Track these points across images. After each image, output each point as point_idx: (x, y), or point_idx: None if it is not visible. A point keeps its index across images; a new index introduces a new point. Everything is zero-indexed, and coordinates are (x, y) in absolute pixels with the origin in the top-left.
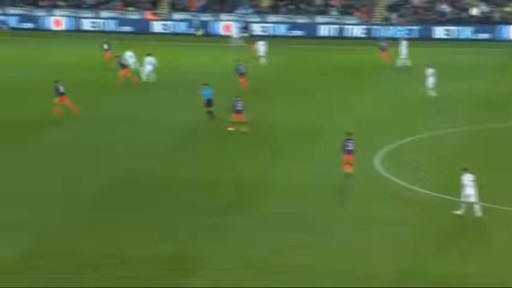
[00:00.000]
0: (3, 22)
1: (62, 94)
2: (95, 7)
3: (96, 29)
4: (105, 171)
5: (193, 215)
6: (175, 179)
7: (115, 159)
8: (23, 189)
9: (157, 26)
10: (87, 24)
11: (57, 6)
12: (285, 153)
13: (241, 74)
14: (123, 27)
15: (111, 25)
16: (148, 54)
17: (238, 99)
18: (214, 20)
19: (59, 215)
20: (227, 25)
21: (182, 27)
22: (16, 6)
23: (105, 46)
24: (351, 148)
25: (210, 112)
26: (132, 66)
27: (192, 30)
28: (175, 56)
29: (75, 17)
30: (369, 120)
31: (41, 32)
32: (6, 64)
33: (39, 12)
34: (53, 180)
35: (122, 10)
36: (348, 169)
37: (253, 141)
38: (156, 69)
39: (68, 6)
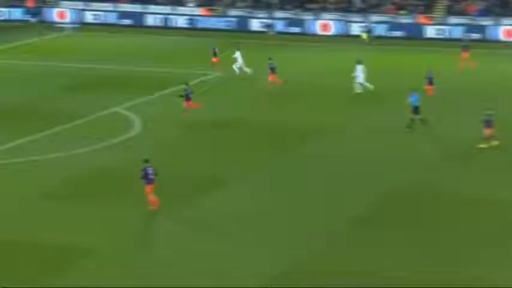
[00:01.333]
0: (270, 26)
1: (189, 99)
2: (365, 10)
3: None
4: (373, 184)
5: (473, 236)
6: (447, 195)
7: (381, 172)
8: (285, 203)
9: (430, 31)
10: (355, 29)
11: (325, 10)
12: None
13: (430, 82)
14: (394, 32)
15: (381, 30)
16: (359, 62)
17: (490, 112)
18: (494, 25)
19: (323, 231)
20: (509, 30)
21: (457, 32)
22: (284, 9)
23: (216, 51)
24: None
25: (420, 120)
26: (238, 67)
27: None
28: (450, 63)
29: (344, 21)
30: None
31: (306, 36)
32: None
33: (307, 16)
34: (317, 192)
35: (393, 14)
36: None
37: None
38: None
39: (336, 10)
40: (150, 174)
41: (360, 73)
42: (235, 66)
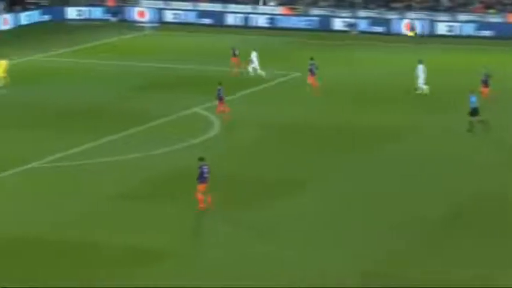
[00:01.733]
0: (353, 26)
1: (221, 99)
2: (452, 9)
3: (452, 33)
4: (452, 187)
5: None
6: None
7: (452, 174)
8: (356, 205)
9: None
10: (441, 29)
11: (410, 9)
12: None
13: (485, 84)
14: (483, 32)
15: (469, 29)
16: (420, 62)
17: None
18: None
19: (398, 234)
20: None
21: None
22: (368, 8)
23: (236, 52)
24: None
25: (480, 122)
26: (253, 68)
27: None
28: None
29: (430, 20)
30: None
31: (391, 36)
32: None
33: (391, 15)
34: (393, 195)
35: (482, 12)
36: None
37: None
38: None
39: (422, 9)
40: (205, 173)
41: (420, 73)
42: (250, 67)
